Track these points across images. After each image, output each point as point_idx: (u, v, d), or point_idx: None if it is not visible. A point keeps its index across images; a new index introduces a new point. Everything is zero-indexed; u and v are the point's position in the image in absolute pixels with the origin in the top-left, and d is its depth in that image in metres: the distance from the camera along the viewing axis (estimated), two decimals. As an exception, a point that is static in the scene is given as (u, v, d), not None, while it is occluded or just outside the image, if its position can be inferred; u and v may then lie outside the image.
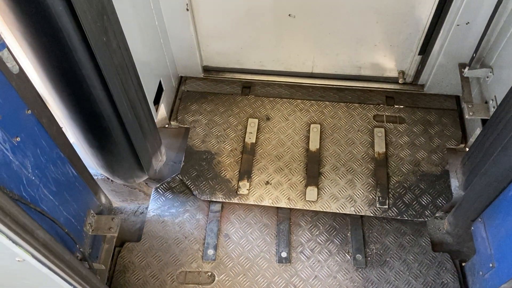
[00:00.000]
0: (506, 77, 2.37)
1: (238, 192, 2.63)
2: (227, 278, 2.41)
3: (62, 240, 1.84)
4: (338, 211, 2.56)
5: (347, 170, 2.70)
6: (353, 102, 3.00)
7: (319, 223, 2.56)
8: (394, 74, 2.98)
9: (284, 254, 2.45)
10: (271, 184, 2.66)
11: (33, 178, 1.66)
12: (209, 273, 2.43)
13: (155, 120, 2.64)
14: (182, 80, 3.19)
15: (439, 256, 2.42)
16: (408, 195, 2.58)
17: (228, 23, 2.76)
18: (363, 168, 2.71)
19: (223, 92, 3.10)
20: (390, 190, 2.60)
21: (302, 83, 3.11)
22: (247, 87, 3.12)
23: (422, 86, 3.00)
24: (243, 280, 2.40)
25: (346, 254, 2.45)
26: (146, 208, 2.69)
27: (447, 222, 2.41)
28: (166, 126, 3.03)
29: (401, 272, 2.38)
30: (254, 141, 2.84)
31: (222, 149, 2.82)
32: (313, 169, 2.71)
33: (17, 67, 1.53)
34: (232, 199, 2.62)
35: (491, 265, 1.98)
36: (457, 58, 2.69)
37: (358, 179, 2.66)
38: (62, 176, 1.91)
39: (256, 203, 2.60)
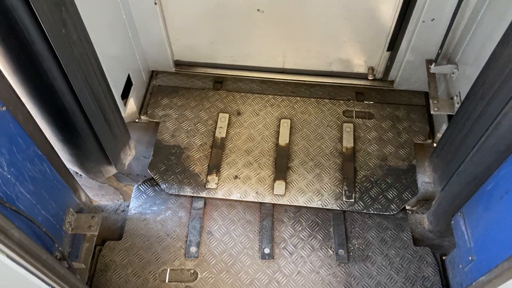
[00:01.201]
0: (470, 73, 2.41)
1: (206, 186, 2.63)
2: (210, 276, 2.39)
3: (40, 240, 1.81)
4: (305, 205, 2.57)
5: (315, 165, 2.72)
6: (323, 98, 3.02)
7: (302, 219, 2.57)
8: (363, 70, 3.01)
9: (267, 250, 2.45)
10: (239, 178, 2.67)
11: (9, 176, 1.61)
12: (192, 271, 2.41)
13: (123, 115, 2.63)
14: (153, 74, 3.18)
15: (420, 250, 2.44)
16: (375, 189, 2.61)
17: (198, 17, 2.76)
18: (331, 163, 2.73)
19: (194, 87, 3.09)
20: (356, 184, 2.63)
21: (274, 78, 3.12)
22: (219, 82, 3.12)
23: (392, 82, 3.04)
24: (226, 277, 2.39)
25: (329, 250, 2.46)
26: (128, 206, 2.66)
27: (427, 220, 2.43)
28: (136, 120, 3.01)
29: (383, 267, 2.40)
30: (224, 135, 2.84)
31: (191, 144, 2.81)
32: (282, 164, 2.72)
33: None
34: (200, 193, 2.61)
35: (470, 258, 2.00)
36: (424, 54, 2.73)
37: (326, 173, 2.68)
38: (40, 174, 1.87)
39: (224, 197, 2.60)
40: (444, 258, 2.41)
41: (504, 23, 2.09)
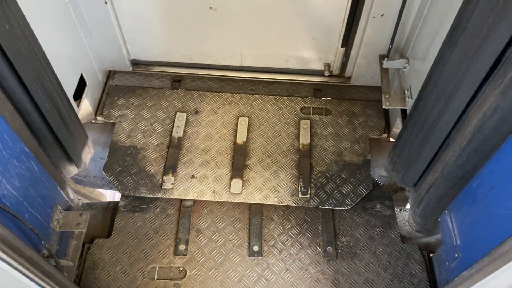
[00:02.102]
0: (419, 68, 2.45)
1: (162, 187, 2.61)
2: (199, 273, 2.39)
3: (27, 237, 1.80)
4: (261, 202, 2.58)
5: (272, 162, 2.73)
6: (281, 95, 3.03)
7: (291, 217, 2.57)
8: (320, 67, 3.03)
9: (256, 248, 2.45)
10: (196, 177, 2.65)
11: None
12: (181, 268, 2.41)
13: (78, 114, 2.58)
14: (110, 74, 3.13)
15: (408, 248, 2.46)
16: (330, 185, 2.63)
17: (150, 16, 2.73)
18: (288, 160, 2.74)
19: (152, 86, 3.06)
20: (312, 180, 2.64)
21: (232, 76, 3.11)
22: (177, 81, 3.10)
23: (349, 78, 3.06)
24: (215, 275, 2.39)
25: (317, 247, 2.47)
26: (117, 203, 2.64)
27: (414, 222, 2.44)
28: (93, 121, 2.96)
29: (370, 264, 2.42)
30: (181, 135, 2.82)
31: (148, 144, 2.78)
32: (239, 162, 2.72)
33: None
34: (156, 194, 2.59)
35: (456, 255, 2.02)
36: (378, 50, 2.76)
37: (283, 170, 2.69)
38: (27, 171, 1.85)
39: (180, 197, 2.59)
40: (431, 255, 2.43)
41: (447, 20, 2.13)
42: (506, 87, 1.49)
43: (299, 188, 2.61)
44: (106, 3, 2.58)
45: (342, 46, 2.84)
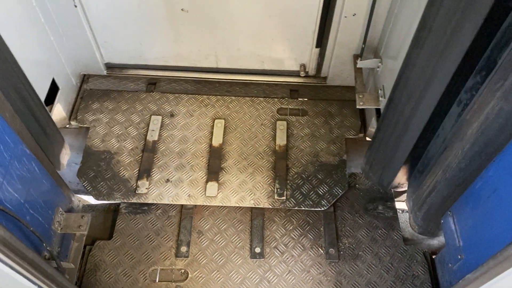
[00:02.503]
0: (392, 67, 2.44)
1: (136, 192, 2.57)
2: (201, 275, 2.38)
3: (28, 239, 1.79)
4: (237, 205, 2.56)
5: (248, 164, 2.71)
6: (258, 96, 3.02)
7: (293, 218, 2.56)
8: (296, 67, 3.02)
9: (258, 250, 2.44)
10: (171, 181, 2.63)
11: None
12: (183, 270, 2.39)
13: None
14: (84, 78, 3.09)
15: (410, 249, 2.46)
16: (306, 186, 2.62)
17: (122, 18, 2.69)
18: (264, 161, 2.72)
19: (127, 90, 3.02)
20: (288, 181, 2.63)
21: (208, 78, 3.09)
22: (152, 84, 3.06)
23: (325, 78, 3.06)
24: (217, 277, 2.38)
25: (320, 249, 2.46)
26: (118, 205, 2.62)
27: (416, 225, 2.41)
28: (67, 126, 2.92)
29: (373, 266, 2.41)
30: (156, 138, 2.79)
31: (122, 148, 2.75)
32: (215, 165, 2.70)
33: None
34: (131, 199, 2.56)
35: (459, 256, 2.00)
36: (351, 50, 2.76)
37: (259, 172, 2.68)
38: (28, 173, 1.83)
39: (154, 202, 2.56)
40: (433, 257, 2.43)
41: (417, 19, 2.13)
42: (508, 91, 1.48)
43: (275, 189, 2.59)
44: (75, 6, 2.55)
45: (316, 47, 2.83)
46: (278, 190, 2.59)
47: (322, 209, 2.56)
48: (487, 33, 1.49)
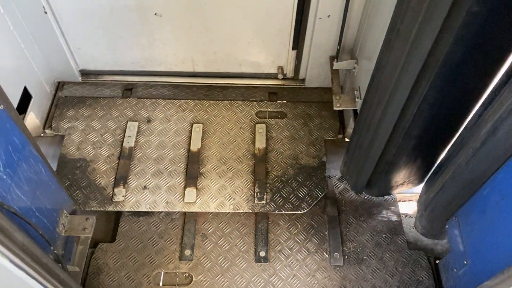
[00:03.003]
0: (366, 68, 2.44)
1: (113, 199, 2.52)
2: (205, 279, 2.35)
3: (34, 242, 1.73)
4: (217, 210, 2.52)
5: (227, 168, 2.68)
6: (236, 100, 2.99)
7: (298, 222, 2.54)
8: (274, 70, 3.00)
9: (262, 254, 2.42)
10: (148, 188, 2.58)
11: (5, 177, 1.56)
12: (187, 274, 2.37)
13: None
14: (59, 85, 3.03)
15: (415, 254, 2.45)
16: (286, 189, 2.60)
17: (94, 24, 2.64)
18: (244, 165, 2.70)
19: (102, 96, 2.97)
20: (268, 185, 2.61)
21: (186, 82, 3.06)
22: (128, 89, 3.02)
23: (303, 80, 3.05)
24: (222, 281, 2.35)
25: (324, 253, 2.45)
26: None
27: (420, 225, 2.41)
28: (42, 135, 2.85)
29: (377, 270, 2.40)
30: (132, 145, 2.75)
31: (98, 156, 2.69)
32: (193, 170, 2.66)
33: None
34: (107, 207, 2.51)
35: (465, 262, 1.99)
36: (328, 51, 2.75)
37: (238, 176, 2.65)
38: (35, 175, 1.80)
39: (132, 210, 2.51)
40: (437, 262, 2.42)
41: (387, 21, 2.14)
42: None
43: (255, 193, 2.57)
44: (46, 13, 2.49)
45: (293, 49, 2.82)
46: (258, 194, 2.56)
47: (302, 211, 2.54)
48: (448, 35, 1.49)
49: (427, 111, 1.83)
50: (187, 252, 2.43)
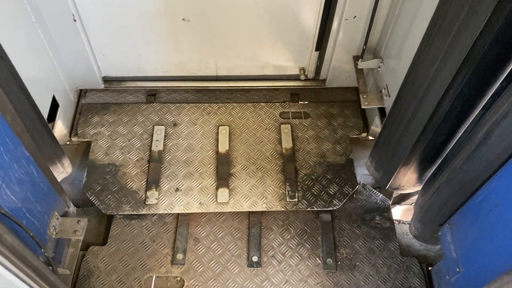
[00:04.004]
0: (394, 66, 2.51)
1: (146, 203, 2.53)
2: (197, 283, 2.34)
3: (25, 245, 1.71)
4: (249, 210, 2.55)
5: (257, 168, 2.71)
6: (259, 102, 3.03)
7: (291, 227, 2.55)
8: (295, 71, 3.05)
9: (255, 259, 2.42)
10: (181, 190, 2.60)
11: None
12: (178, 278, 2.35)
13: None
14: (81, 93, 3.04)
15: (407, 261, 2.46)
16: (316, 187, 2.63)
17: (121, 31, 2.67)
18: (273, 165, 2.73)
19: (126, 102, 2.99)
20: (298, 183, 2.64)
21: (208, 86, 3.09)
22: (152, 95, 3.04)
23: (324, 80, 3.10)
24: (214, 285, 2.35)
25: (317, 258, 2.45)
26: None
27: (413, 227, 2.44)
28: (68, 143, 2.86)
29: (370, 276, 2.41)
30: (161, 148, 2.76)
31: (127, 160, 2.71)
32: (224, 171, 2.68)
33: None
34: (141, 210, 2.51)
35: (458, 269, 2.01)
36: (351, 51, 2.81)
37: (268, 175, 2.68)
38: (26, 176, 1.78)
39: (166, 212, 2.52)
40: (430, 268, 2.43)
41: (418, 19, 2.21)
42: None
43: (287, 192, 2.60)
44: (75, 20, 2.52)
45: (316, 50, 2.87)
46: (290, 192, 2.60)
47: (335, 208, 2.57)
48: (489, 33, 1.52)
49: (459, 108, 1.87)
50: (179, 256, 2.42)
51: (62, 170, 2.44)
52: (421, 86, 1.89)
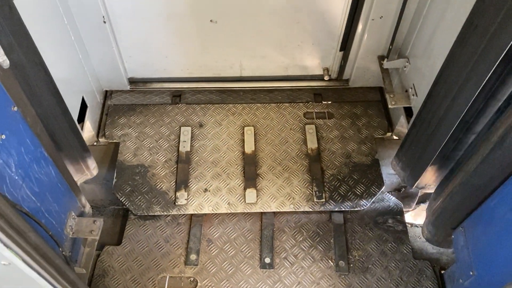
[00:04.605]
0: (420, 65, 2.51)
1: (176, 203, 2.57)
2: (210, 284, 2.37)
3: (47, 243, 1.76)
4: (277, 210, 2.57)
5: (283, 169, 2.73)
6: (283, 102, 3.05)
7: (303, 229, 2.57)
8: (319, 71, 3.07)
9: (267, 260, 2.44)
10: (209, 191, 2.63)
11: (16, 178, 1.58)
12: (192, 279, 2.39)
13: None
14: (107, 94, 3.08)
15: (420, 264, 2.47)
16: (343, 187, 2.65)
17: (149, 32, 2.70)
18: (298, 165, 2.75)
19: (152, 103, 3.02)
20: (325, 183, 2.66)
21: (232, 87, 3.11)
22: (177, 96, 3.07)
23: (347, 80, 3.11)
24: (227, 286, 2.38)
25: (330, 261, 2.46)
26: (127, 210, 2.60)
27: (426, 230, 2.45)
28: (95, 143, 2.89)
29: (382, 279, 2.42)
30: (188, 149, 2.79)
31: (155, 161, 2.74)
32: (251, 171, 2.71)
33: (8, 62, 1.47)
34: (171, 211, 2.55)
35: (471, 273, 2.00)
36: (376, 51, 2.82)
37: (295, 176, 2.70)
38: (45, 176, 1.83)
39: (195, 212, 2.55)
40: (443, 272, 2.44)
41: (446, 18, 2.21)
42: None
43: (314, 192, 2.62)
44: (104, 22, 2.55)
45: (340, 50, 2.89)
46: (317, 192, 2.62)
47: (362, 208, 2.59)
48: None
49: (492, 107, 1.88)
50: (193, 256, 2.45)
51: (87, 173, 2.46)
52: (454, 85, 1.90)
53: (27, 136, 1.68)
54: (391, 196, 2.72)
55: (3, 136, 1.48)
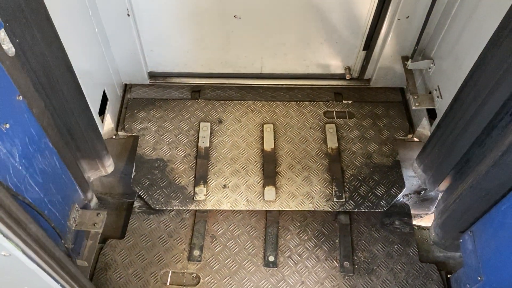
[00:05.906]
0: (446, 67, 2.48)
1: (195, 199, 2.56)
2: (212, 280, 2.35)
3: (47, 235, 1.76)
4: (297, 209, 2.55)
5: (302, 168, 2.71)
6: (303, 100, 3.03)
7: (308, 229, 2.54)
8: (340, 70, 3.04)
9: (271, 258, 2.42)
10: (228, 187, 2.62)
11: (20, 167, 1.57)
12: (194, 275, 2.37)
13: (101, 132, 2.51)
14: (127, 88, 3.07)
15: (426, 267, 2.43)
16: (363, 187, 2.63)
17: (172, 26, 2.69)
18: (318, 164, 2.73)
19: (171, 98, 3.01)
20: (345, 184, 2.64)
21: (252, 84, 3.09)
22: (196, 91, 3.06)
23: (368, 80, 3.08)
24: (229, 283, 2.35)
25: (334, 261, 2.44)
26: (131, 204, 2.60)
27: (433, 232, 2.43)
28: (114, 136, 2.89)
29: (388, 281, 2.38)
30: (208, 145, 2.78)
31: (174, 156, 2.73)
32: (270, 169, 2.69)
33: (13, 49, 1.45)
34: (189, 206, 2.54)
35: (479, 278, 1.98)
36: (400, 52, 2.78)
37: (314, 175, 2.68)
38: (49, 167, 1.82)
39: (214, 208, 2.54)
40: (449, 276, 2.41)
41: (474, 20, 2.17)
42: None
43: (333, 192, 2.60)
44: (128, 15, 2.54)
45: (363, 49, 2.86)
46: (337, 192, 2.59)
47: (382, 210, 2.56)
48: None
49: None
50: (196, 252, 2.43)
51: (101, 170, 2.44)
52: (484, 88, 1.86)
53: (32, 126, 1.66)
54: (399, 198, 2.68)
55: (7, 125, 1.46)
